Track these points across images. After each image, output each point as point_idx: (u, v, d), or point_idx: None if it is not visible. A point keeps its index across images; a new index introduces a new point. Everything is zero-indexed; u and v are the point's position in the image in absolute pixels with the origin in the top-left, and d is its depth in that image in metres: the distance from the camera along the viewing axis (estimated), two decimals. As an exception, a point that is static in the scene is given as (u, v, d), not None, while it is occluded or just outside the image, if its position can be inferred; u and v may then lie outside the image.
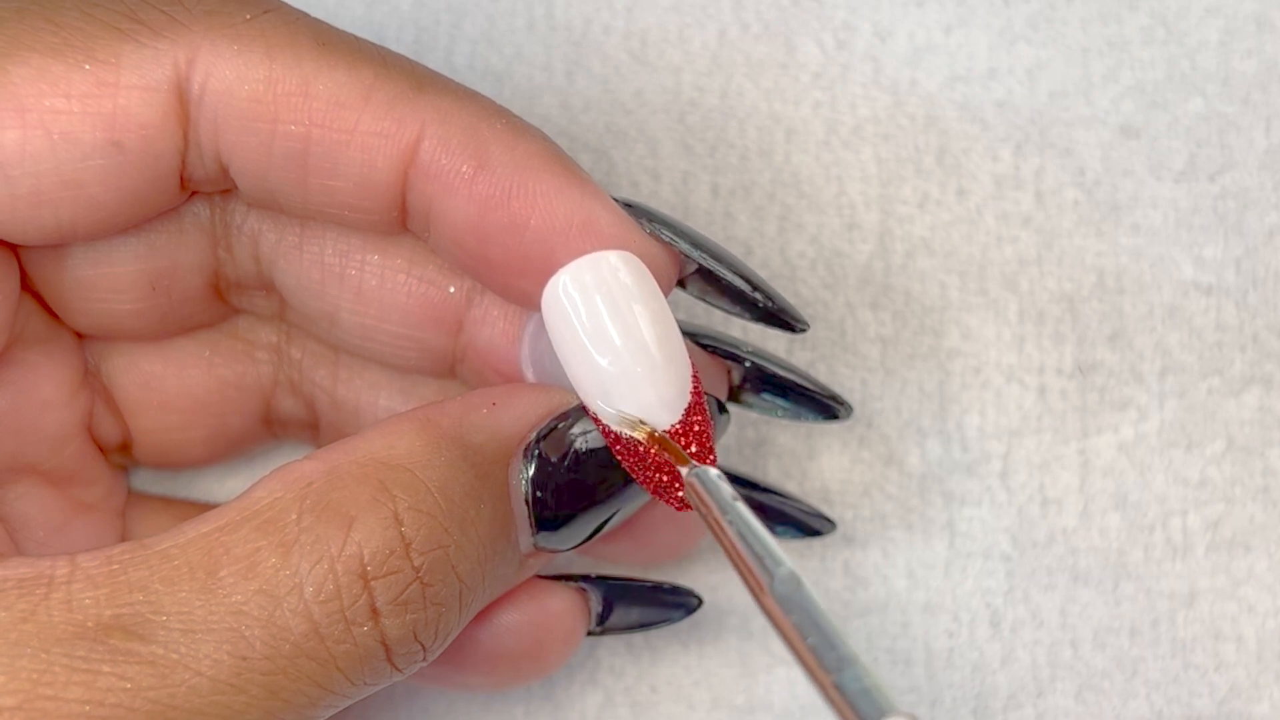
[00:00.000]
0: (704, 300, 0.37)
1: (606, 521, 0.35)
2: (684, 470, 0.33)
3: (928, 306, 0.43)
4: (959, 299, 0.43)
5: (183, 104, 0.33)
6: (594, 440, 0.34)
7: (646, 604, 0.39)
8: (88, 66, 0.32)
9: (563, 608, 0.37)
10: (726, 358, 0.38)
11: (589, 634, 0.38)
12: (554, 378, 0.35)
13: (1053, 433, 0.42)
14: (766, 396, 0.39)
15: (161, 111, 0.32)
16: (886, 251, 0.43)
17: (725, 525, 0.32)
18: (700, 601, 0.40)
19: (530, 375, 0.37)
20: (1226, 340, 0.42)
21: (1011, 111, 0.43)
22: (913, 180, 0.43)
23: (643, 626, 0.39)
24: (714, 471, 0.33)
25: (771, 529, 0.33)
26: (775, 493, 0.40)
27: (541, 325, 0.35)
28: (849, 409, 0.39)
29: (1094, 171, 0.43)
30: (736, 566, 0.32)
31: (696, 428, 0.33)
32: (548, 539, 0.34)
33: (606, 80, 0.44)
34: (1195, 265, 0.43)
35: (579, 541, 0.35)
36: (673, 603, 0.39)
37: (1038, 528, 0.42)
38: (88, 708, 0.27)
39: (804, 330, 0.37)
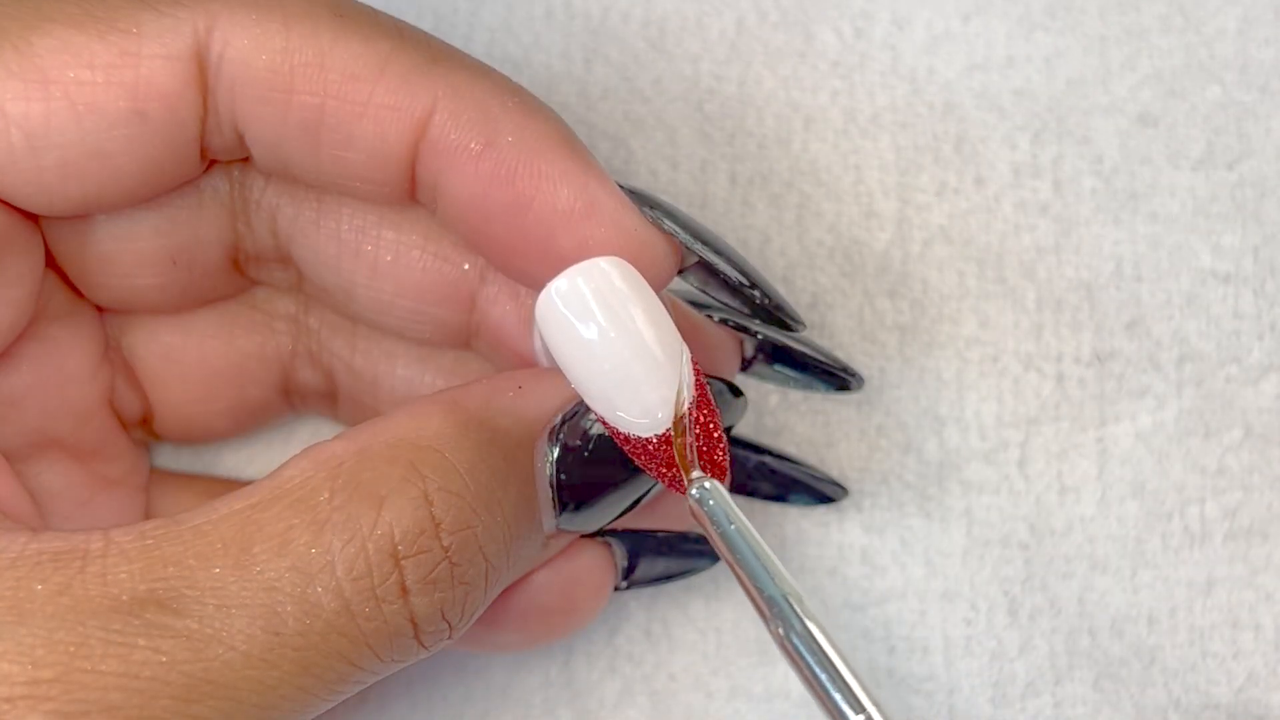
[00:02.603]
0: (703, 292, 0.37)
1: (630, 504, 0.35)
2: (690, 490, 0.33)
3: (945, 295, 0.43)
4: (977, 287, 0.43)
5: (203, 73, 0.33)
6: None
7: (671, 555, 0.39)
8: (110, 37, 0.32)
9: (590, 563, 0.37)
10: (739, 330, 0.38)
11: (616, 588, 0.39)
12: None
13: (1070, 421, 0.42)
14: (779, 368, 0.39)
15: (183, 80, 0.33)
16: (904, 240, 0.43)
17: (727, 544, 0.32)
18: None
19: (544, 361, 0.37)
20: (1244, 328, 0.42)
21: (1029, 100, 0.43)
22: (931, 169, 0.43)
23: (668, 578, 0.40)
24: (718, 488, 0.33)
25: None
26: (788, 459, 0.40)
27: None
28: (860, 380, 0.39)
29: (1112, 160, 0.43)
30: (742, 585, 0.32)
31: (702, 419, 0.34)
32: (570, 520, 0.34)
33: (625, 68, 0.44)
34: (1213, 253, 0.43)
35: (602, 523, 0.35)
36: (696, 552, 0.40)
37: (1055, 516, 0.42)
38: (123, 680, 0.27)
39: (801, 329, 0.37)
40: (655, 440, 0.33)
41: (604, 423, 0.33)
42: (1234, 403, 0.42)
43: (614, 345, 0.33)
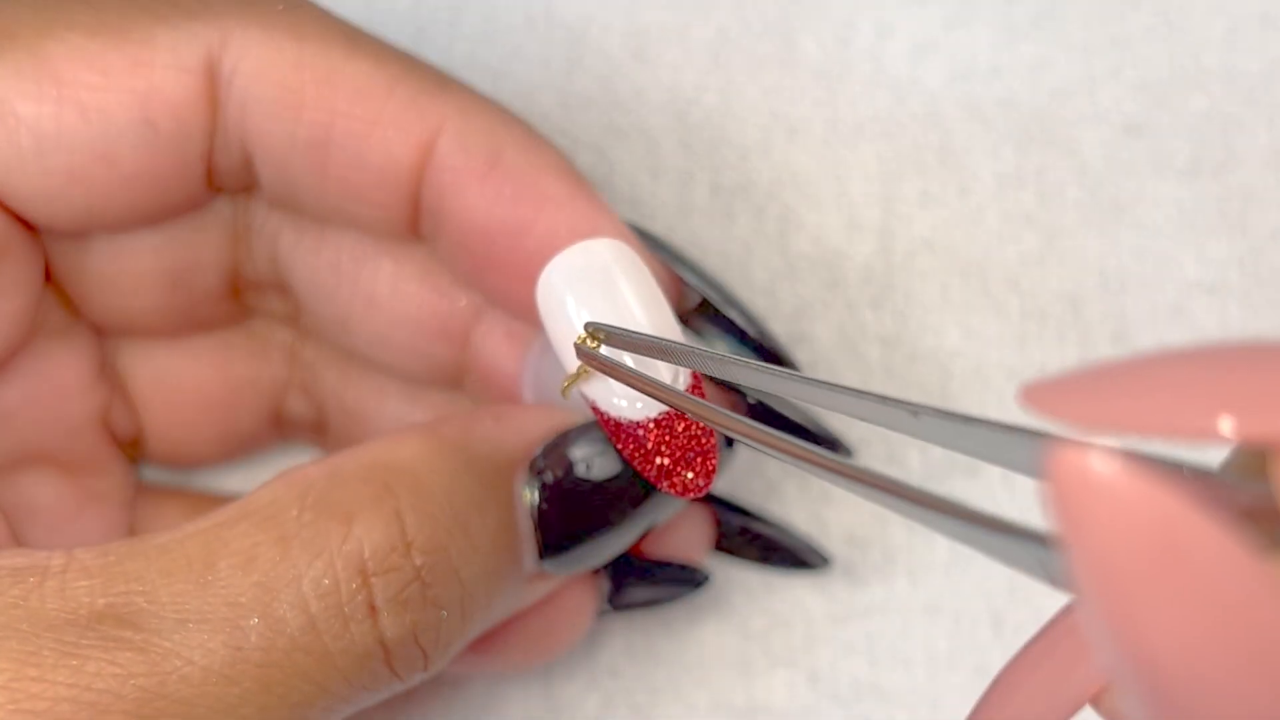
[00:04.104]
0: (701, 338, 0.37)
1: (610, 544, 0.35)
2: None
3: (929, 306, 0.42)
4: (960, 298, 0.42)
5: (213, 86, 0.33)
6: (599, 466, 0.34)
7: (655, 581, 0.39)
8: (123, 46, 0.33)
9: (573, 587, 0.37)
10: (730, 389, 0.38)
11: (600, 613, 0.38)
12: (555, 403, 0.35)
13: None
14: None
15: (193, 92, 0.33)
16: (888, 250, 0.43)
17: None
18: (708, 577, 0.39)
19: (530, 399, 0.37)
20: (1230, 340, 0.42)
21: (1014, 109, 0.43)
22: (914, 179, 0.43)
23: (652, 603, 0.39)
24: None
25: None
26: (773, 524, 0.40)
27: (545, 350, 0.34)
28: (847, 452, 0.39)
29: (1097, 170, 0.43)
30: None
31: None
32: (555, 564, 0.34)
33: (606, 78, 0.44)
34: (1199, 264, 0.43)
35: (582, 567, 0.35)
36: (681, 579, 0.39)
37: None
38: (75, 691, 0.27)
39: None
40: (646, 425, 0.33)
41: (595, 409, 0.33)
42: (1219, 415, 0.42)
43: (611, 322, 0.32)
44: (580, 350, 0.32)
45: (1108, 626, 0.19)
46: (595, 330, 0.32)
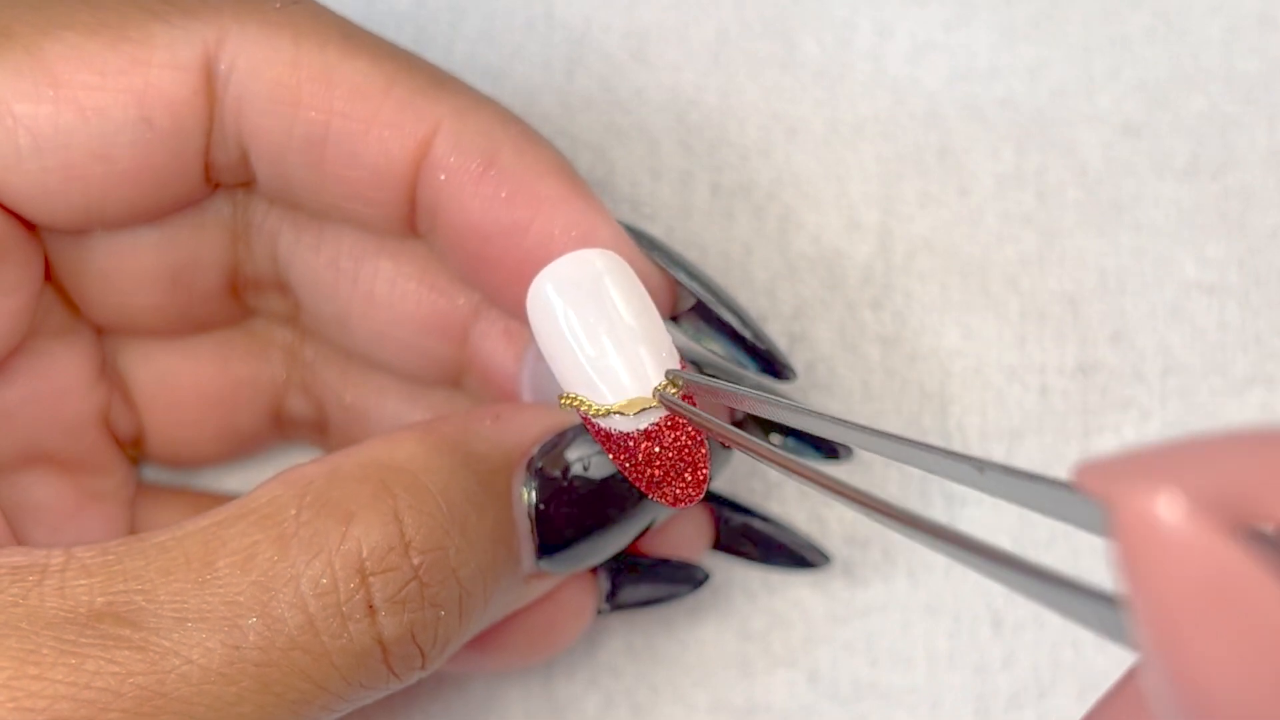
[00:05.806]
0: (696, 340, 0.37)
1: (609, 543, 0.35)
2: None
3: (928, 306, 0.42)
4: (960, 298, 0.42)
5: (210, 84, 0.33)
6: (597, 465, 0.34)
7: (654, 580, 0.39)
8: (121, 45, 0.33)
9: (572, 586, 0.37)
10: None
11: (599, 612, 0.38)
12: (553, 400, 0.35)
13: (1054, 433, 0.42)
14: (774, 436, 0.39)
15: (191, 90, 0.33)
16: (887, 251, 0.43)
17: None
18: (707, 576, 0.40)
19: (529, 397, 0.37)
20: (1229, 340, 0.42)
21: (1013, 110, 0.43)
22: (914, 179, 0.43)
23: (651, 602, 0.39)
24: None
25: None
26: (773, 522, 0.40)
27: None
28: (849, 451, 0.39)
29: (1096, 170, 0.43)
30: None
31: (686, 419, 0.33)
32: (552, 562, 0.34)
33: (606, 79, 0.44)
34: (1197, 264, 0.43)
35: (581, 565, 0.35)
36: (680, 577, 0.39)
37: (1039, 528, 0.42)
38: (74, 689, 0.27)
39: (791, 378, 0.37)
40: (636, 436, 0.33)
41: (586, 420, 0.33)
42: (1218, 415, 0.42)
43: (601, 332, 0.32)
44: (662, 397, 0.32)
45: (1168, 677, 0.19)
46: (675, 378, 0.32)
